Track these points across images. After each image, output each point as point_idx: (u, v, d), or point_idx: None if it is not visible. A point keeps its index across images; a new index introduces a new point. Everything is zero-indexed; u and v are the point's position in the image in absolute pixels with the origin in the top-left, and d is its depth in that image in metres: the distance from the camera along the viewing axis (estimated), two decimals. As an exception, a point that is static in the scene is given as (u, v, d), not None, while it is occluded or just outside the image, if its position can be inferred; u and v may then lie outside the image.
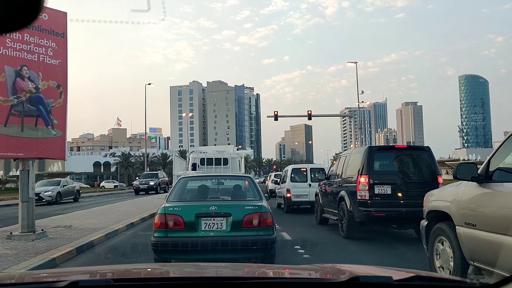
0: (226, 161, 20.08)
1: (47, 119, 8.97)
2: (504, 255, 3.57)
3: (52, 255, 6.99)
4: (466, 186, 4.30)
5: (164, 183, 35.63)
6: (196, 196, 6.97)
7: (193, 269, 2.48)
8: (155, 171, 47.60)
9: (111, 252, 8.11)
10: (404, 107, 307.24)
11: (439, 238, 4.90)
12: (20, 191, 8.85)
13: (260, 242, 5.69)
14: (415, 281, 1.61)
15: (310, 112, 35.00)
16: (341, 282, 1.52)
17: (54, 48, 9.07)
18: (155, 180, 33.79)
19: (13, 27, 1.20)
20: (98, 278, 1.93)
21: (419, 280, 1.65)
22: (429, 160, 9.01)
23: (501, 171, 3.92)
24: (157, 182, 33.48)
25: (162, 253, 5.87)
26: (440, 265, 4.88)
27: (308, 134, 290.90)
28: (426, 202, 5.40)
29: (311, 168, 16.31)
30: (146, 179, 34.24)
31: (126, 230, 11.01)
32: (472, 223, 4.10)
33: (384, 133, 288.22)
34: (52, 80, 9.05)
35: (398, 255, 7.30)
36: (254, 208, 5.88)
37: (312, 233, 10.20)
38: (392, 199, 8.49)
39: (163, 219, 5.77)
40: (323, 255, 7.46)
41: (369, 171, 8.62)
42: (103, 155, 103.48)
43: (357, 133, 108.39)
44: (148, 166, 66.80)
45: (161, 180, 34.74)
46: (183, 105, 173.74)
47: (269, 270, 2.45)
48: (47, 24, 8.95)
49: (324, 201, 11.34)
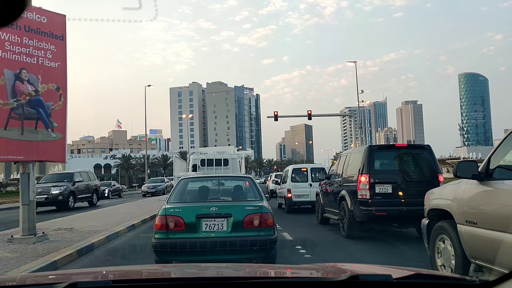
0: (226, 162, 20.10)
1: (47, 122, 8.97)
2: (505, 253, 3.57)
3: (53, 258, 6.99)
4: (467, 184, 4.30)
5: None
6: (196, 197, 6.97)
7: (194, 270, 2.47)
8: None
9: (112, 254, 8.11)
10: (404, 106, 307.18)
11: (440, 237, 4.90)
12: (21, 194, 8.85)
13: (261, 242, 5.69)
14: (415, 279, 1.60)
15: (310, 112, 35.05)
16: (341, 281, 1.52)
17: (53, 50, 9.07)
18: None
19: None
20: (97, 280, 1.92)
21: (419, 278, 1.65)
22: (429, 159, 9.00)
23: (502, 168, 3.92)
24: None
25: (163, 255, 5.86)
26: (442, 264, 4.88)
27: (308, 134, 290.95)
28: (427, 200, 5.39)
29: (311, 168, 16.30)
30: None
31: (127, 232, 11.01)
32: (473, 221, 4.09)
33: (385, 132, 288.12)
34: (51, 83, 9.05)
35: (400, 254, 7.29)
36: (254, 209, 5.88)
37: (313, 233, 10.19)
38: (393, 198, 8.48)
39: (163, 221, 5.76)
40: (324, 254, 7.45)
41: (369, 170, 8.62)
42: (104, 157, 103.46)
43: (357, 132, 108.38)
44: (148, 167, 66.85)
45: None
46: (183, 107, 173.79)
47: (270, 270, 2.45)
48: (46, 27, 8.95)
49: (325, 201, 11.33)
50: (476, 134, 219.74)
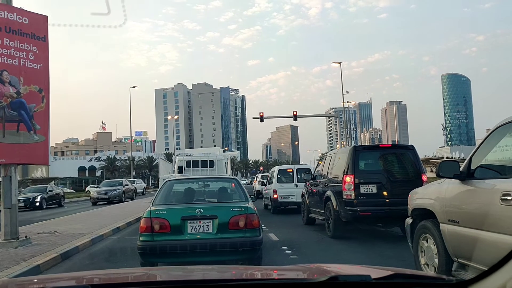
0: (212, 163, 20.03)
1: (29, 124, 8.84)
2: (484, 250, 3.63)
3: (36, 262, 6.89)
4: (449, 183, 4.36)
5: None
6: (182, 199, 6.95)
7: (180, 272, 2.46)
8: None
9: (97, 257, 8.02)
10: (388, 107, 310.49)
11: (423, 236, 4.96)
12: (3, 198, 8.71)
13: (246, 243, 5.69)
14: (393, 279, 1.63)
15: (295, 113, 35.18)
16: (321, 282, 1.53)
17: (35, 52, 8.95)
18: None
19: None
20: (80, 284, 1.90)
21: (397, 277, 1.67)
22: (413, 159, 9.11)
23: (483, 168, 3.99)
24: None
25: (148, 257, 5.83)
26: (425, 262, 4.94)
27: (294, 134, 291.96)
28: (410, 200, 5.45)
29: (297, 168, 16.38)
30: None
31: (112, 234, 10.91)
32: (455, 220, 4.16)
33: (369, 133, 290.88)
34: (33, 85, 8.92)
35: (384, 254, 7.36)
36: (240, 210, 5.88)
37: (299, 234, 10.24)
38: (377, 198, 8.56)
39: (148, 223, 5.73)
40: (310, 255, 7.49)
41: (354, 170, 8.69)
42: (88, 159, 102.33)
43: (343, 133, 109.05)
44: (134, 169, 66.25)
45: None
46: (169, 108, 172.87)
47: (256, 272, 2.45)
48: (28, 28, 8.83)
49: (311, 201, 11.39)
50: (459, 134, 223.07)
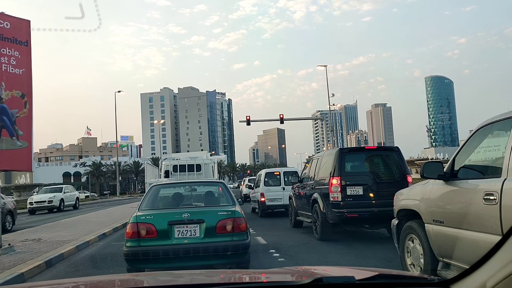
0: (199, 167, 19.98)
1: (12, 130, 8.70)
2: (467, 249, 3.69)
3: (20, 270, 6.77)
4: (433, 184, 4.42)
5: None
6: (168, 203, 6.91)
7: (167, 278, 2.44)
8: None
9: (83, 264, 7.92)
10: (374, 109, 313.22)
11: (409, 236, 5.01)
12: (-15, 205, 8.55)
13: (234, 247, 5.68)
14: (376, 280, 1.65)
15: (282, 116, 35.33)
16: (305, 284, 1.55)
17: (17, 57, 8.82)
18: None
19: None
20: None
21: (380, 278, 1.70)
22: (398, 160, 9.21)
23: (466, 168, 4.05)
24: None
25: (135, 263, 5.77)
26: (411, 263, 4.99)
27: (281, 137, 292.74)
28: (396, 201, 5.51)
29: (284, 171, 16.41)
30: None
31: (98, 241, 10.78)
32: (440, 220, 4.21)
33: (356, 135, 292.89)
34: (16, 90, 8.79)
35: (371, 255, 7.41)
36: (227, 214, 5.86)
37: (287, 236, 10.25)
38: (364, 200, 8.63)
39: (135, 228, 5.68)
40: (298, 258, 7.50)
41: (340, 172, 8.75)
42: (73, 165, 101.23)
43: (329, 135, 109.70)
44: (120, 175, 65.63)
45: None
46: (155, 112, 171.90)
47: (244, 275, 2.45)
48: (9, 32, 8.70)
49: (298, 204, 11.42)
50: (443, 135, 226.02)
